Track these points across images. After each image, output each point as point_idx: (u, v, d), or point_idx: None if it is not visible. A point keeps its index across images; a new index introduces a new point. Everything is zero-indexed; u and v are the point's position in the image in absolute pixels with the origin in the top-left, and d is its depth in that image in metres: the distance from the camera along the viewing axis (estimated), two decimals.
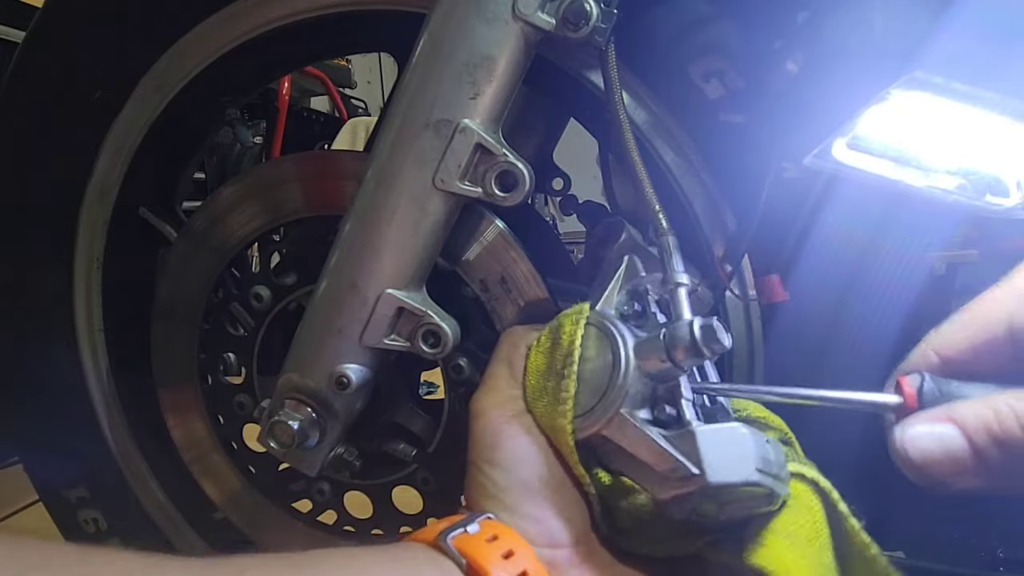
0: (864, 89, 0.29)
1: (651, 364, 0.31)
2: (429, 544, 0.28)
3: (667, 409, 0.31)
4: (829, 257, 0.42)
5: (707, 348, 0.29)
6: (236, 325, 0.50)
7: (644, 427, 0.30)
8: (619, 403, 0.30)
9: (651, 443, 0.29)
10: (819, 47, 0.32)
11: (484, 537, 0.28)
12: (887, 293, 0.42)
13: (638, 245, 0.39)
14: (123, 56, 0.50)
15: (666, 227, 0.35)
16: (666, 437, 0.29)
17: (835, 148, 0.33)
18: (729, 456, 0.27)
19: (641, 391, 0.31)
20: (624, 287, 0.36)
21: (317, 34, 0.50)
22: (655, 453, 0.29)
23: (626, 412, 0.30)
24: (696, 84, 0.41)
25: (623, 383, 0.31)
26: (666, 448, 0.28)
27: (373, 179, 0.38)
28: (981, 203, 0.35)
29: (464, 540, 0.27)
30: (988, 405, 0.24)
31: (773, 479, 0.28)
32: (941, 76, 0.26)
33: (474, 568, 0.26)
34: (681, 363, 0.30)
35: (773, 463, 0.28)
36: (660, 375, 0.31)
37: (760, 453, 0.28)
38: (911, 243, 0.40)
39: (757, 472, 0.27)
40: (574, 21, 0.34)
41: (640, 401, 0.31)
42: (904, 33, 0.27)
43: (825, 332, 0.44)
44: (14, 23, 1.10)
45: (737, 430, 0.28)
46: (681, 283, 0.33)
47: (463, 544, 0.27)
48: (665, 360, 0.30)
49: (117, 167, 0.52)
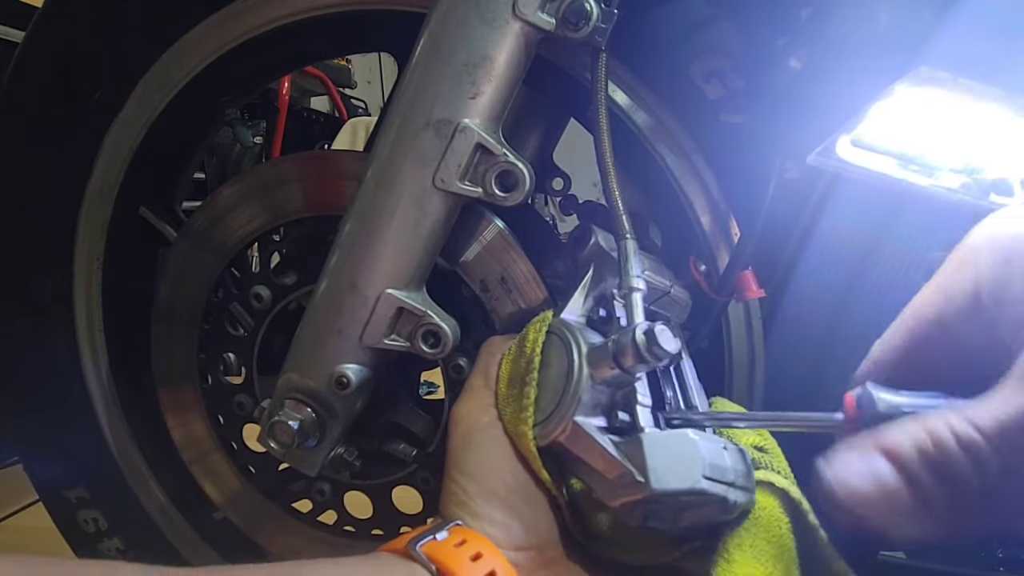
0: (869, 85, 0.29)
1: (602, 371, 0.31)
2: (400, 553, 0.29)
3: (620, 416, 0.30)
4: (831, 257, 0.42)
5: (649, 353, 0.28)
6: (236, 325, 0.50)
7: (595, 434, 0.30)
8: (572, 410, 0.30)
9: (601, 450, 0.29)
10: (823, 43, 0.32)
11: (452, 542, 0.29)
12: (890, 293, 0.41)
13: (609, 250, 0.39)
14: (123, 56, 0.50)
15: (627, 230, 0.35)
16: (616, 444, 0.29)
17: (839, 146, 0.33)
18: (675, 463, 0.27)
19: (597, 398, 0.31)
20: (591, 293, 0.37)
21: (317, 34, 0.50)
22: (604, 460, 0.29)
23: (580, 420, 0.30)
24: (696, 84, 0.40)
25: (575, 390, 0.31)
26: (613, 455, 0.29)
27: (373, 179, 0.38)
28: (985, 202, 0.35)
29: (433, 547, 0.29)
30: (922, 425, 0.20)
31: (727, 487, 0.27)
32: (947, 72, 0.26)
33: (444, 572, 0.27)
34: (629, 369, 0.29)
35: (728, 470, 0.28)
36: (614, 381, 0.31)
37: (712, 460, 0.27)
38: (914, 243, 0.40)
39: (705, 480, 0.27)
40: (574, 21, 0.34)
41: (597, 408, 0.31)
42: (910, 28, 0.26)
43: (827, 333, 0.44)
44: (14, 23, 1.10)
45: (685, 436, 0.28)
46: (635, 288, 0.33)
47: (432, 550, 0.28)
48: (614, 367, 0.30)
49: (117, 167, 0.52)
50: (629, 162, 0.44)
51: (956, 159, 0.35)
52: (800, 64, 0.34)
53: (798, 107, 0.35)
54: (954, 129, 0.32)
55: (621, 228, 0.35)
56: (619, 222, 0.35)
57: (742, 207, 0.43)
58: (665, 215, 0.47)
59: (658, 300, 0.38)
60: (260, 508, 0.53)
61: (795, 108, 0.35)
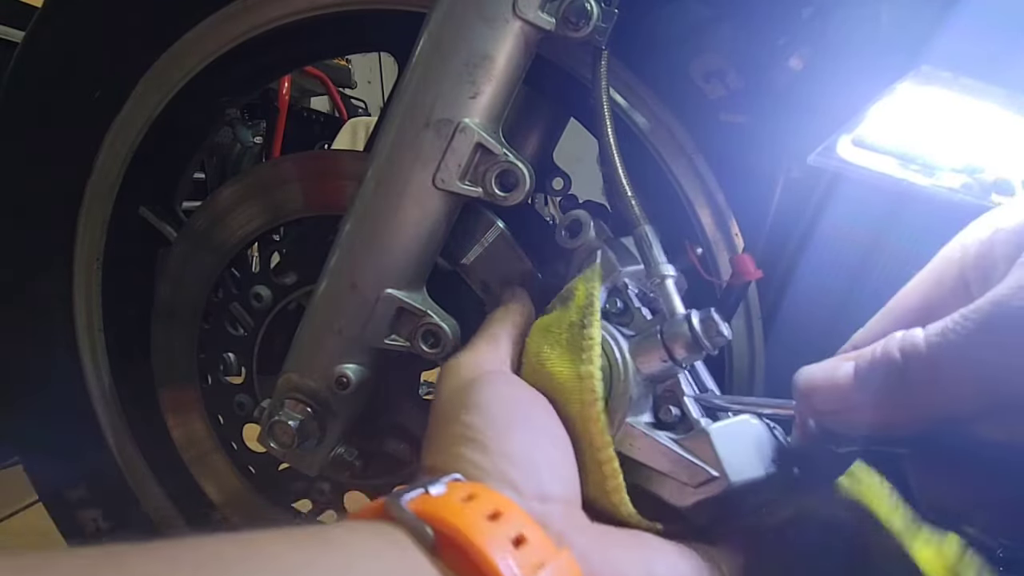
0: (870, 84, 0.29)
1: (650, 364, 0.29)
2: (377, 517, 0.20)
3: (672, 411, 0.29)
4: (832, 257, 0.42)
5: (709, 341, 0.28)
6: (236, 325, 0.50)
7: (655, 435, 0.28)
8: (623, 411, 0.28)
9: (666, 451, 0.27)
10: (824, 42, 0.32)
11: (456, 497, 0.20)
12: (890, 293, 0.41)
13: (609, 238, 0.37)
14: (123, 56, 0.49)
15: (641, 216, 0.33)
16: (677, 441, 0.27)
17: (840, 145, 0.33)
18: (745, 451, 0.26)
19: (641, 394, 0.29)
20: (602, 284, 0.34)
21: (317, 34, 0.50)
22: (671, 461, 0.27)
23: (631, 421, 0.28)
24: (696, 84, 0.40)
25: (625, 389, 0.28)
26: (682, 454, 0.27)
27: (373, 179, 0.38)
28: (987, 202, 0.34)
29: (427, 502, 0.20)
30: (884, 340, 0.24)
31: (789, 465, 0.27)
32: (948, 71, 0.26)
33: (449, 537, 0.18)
34: (681, 360, 0.28)
35: (786, 450, 0.27)
36: (659, 375, 0.29)
37: (772, 443, 0.27)
38: (915, 242, 0.40)
39: (774, 464, 0.27)
40: (575, 21, 0.34)
41: (641, 406, 0.29)
42: (911, 27, 0.26)
43: (827, 333, 0.44)
44: (14, 23, 1.10)
45: (748, 423, 0.27)
46: (667, 275, 0.31)
47: (427, 507, 0.20)
48: (666, 359, 0.28)
49: (117, 167, 0.52)
50: (629, 162, 0.44)
51: (957, 159, 0.35)
52: (801, 64, 0.34)
53: (799, 107, 0.35)
54: (955, 128, 0.32)
55: (635, 217, 0.34)
56: (632, 211, 0.34)
57: (742, 207, 0.43)
58: (666, 216, 0.47)
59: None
60: (260, 508, 0.53)
61: (796, 108, 0.35)
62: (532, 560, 0.19)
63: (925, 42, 0.26)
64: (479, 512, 0.20)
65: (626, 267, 0.34)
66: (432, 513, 0.19)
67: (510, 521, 0.20)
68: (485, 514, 0.20)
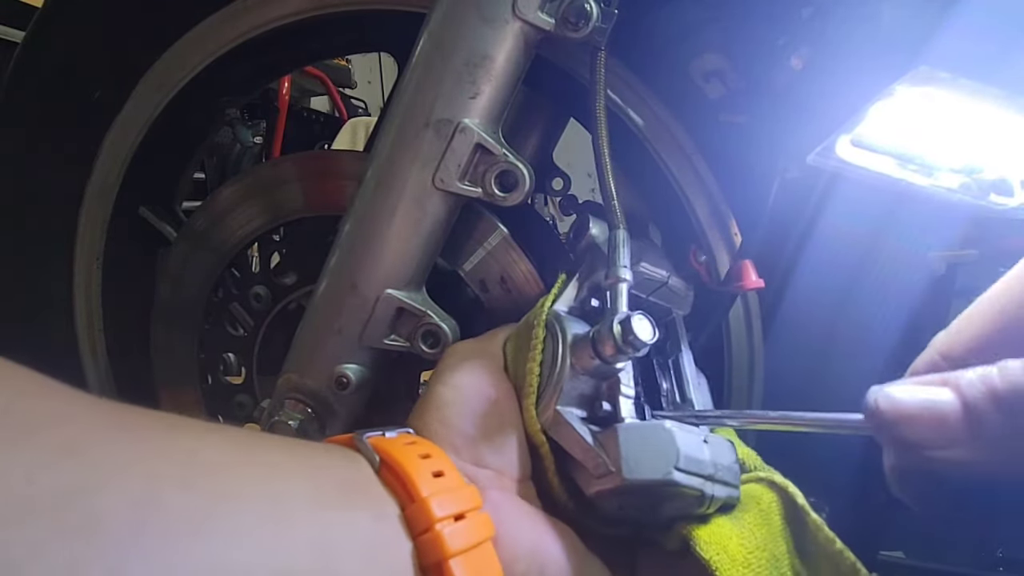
0: (870, 84, 0.29)
1: (584, 361, 0.31)
2: (344, 444, 0.27)
3: (604, 406, 0.30)
4: (831, 257, 0.42)
5: (625, 343, 0.28)
6: (236, 325, 0.50)
7: (574, 423, 0.30)
8: (554, 399, 0.30)
9: (578, 438, 0.29)
10: (824, 42, 0.32)
11: (402, 441, 0.27)
12: (889, 293, 0.41)
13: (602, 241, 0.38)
14: (123, 56, 0.50)
15: (619, 221, 0.34)
16: (594, 433, 0.29)
17: (839, 146, 0.33)
18: (649, 454, 0.27)
19: (582, 389, 0.31)
20: (586, 283, 0.36)
21: (317, 34, 0.50)
22: (581, 448, 0.29)
23: (562, 409, 0.30)
24: (696, 84, 0.40)
25: (557, 380, 0.31)
26: (591, 445, 0.28)
27: (373, 179, 0.38)
28: (985, 202, 0.35)
29: (380, 440, 0.27)
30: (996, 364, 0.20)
31: (704, 480, 0.27)
32: (947, 71, 0.26)
33: (388, 464, 0.25)
34: (609, 359, 0.29)
35: (706, 463, 0.27)
36: (597, 372, 0.31)
37: (688, 452, 0.27)
38: (914, 243, 0.40)
39: (678, 471, 0.27)
40: (574, 21, 0.34)
41: (581, 399, 0.31)
42: (910, 27, 0.26)
43: (826, 332, 0.44)
44: (14, 23, 1.10)
45: (660, 427, 0.28)
46: (622, 278, 0.32)
47: (379, 443, 0.26)
48: (593, 357, 0.30)
49: (117, 167, 0.52)
50: (629, 162, 0.44)
51: (956, 159, 0.35)
52: (801, 64, 0.34)
53: (798, 107, 0.35)
54: (954, 129, 0.32)
55: (613, 218, 0.35)
56: (611, 212, 0.35)
57: (742, 207, 0.43)
58: (665, 215, 0.47)
59: (657, 291, 0.38)
60: None
61: (795, 108, 0.35)
62: (443, 485, 0.25)
63: (924, 42, 0.26)
64: (414, 451, 0.26)
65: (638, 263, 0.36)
66: (380, 446, 0.26)
67: (435, 461, 0.26)
68: (418, 454, 0.26)
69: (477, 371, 0.32)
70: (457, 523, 0.24)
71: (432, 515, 0.24)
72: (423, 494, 0.24)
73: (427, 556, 0.23)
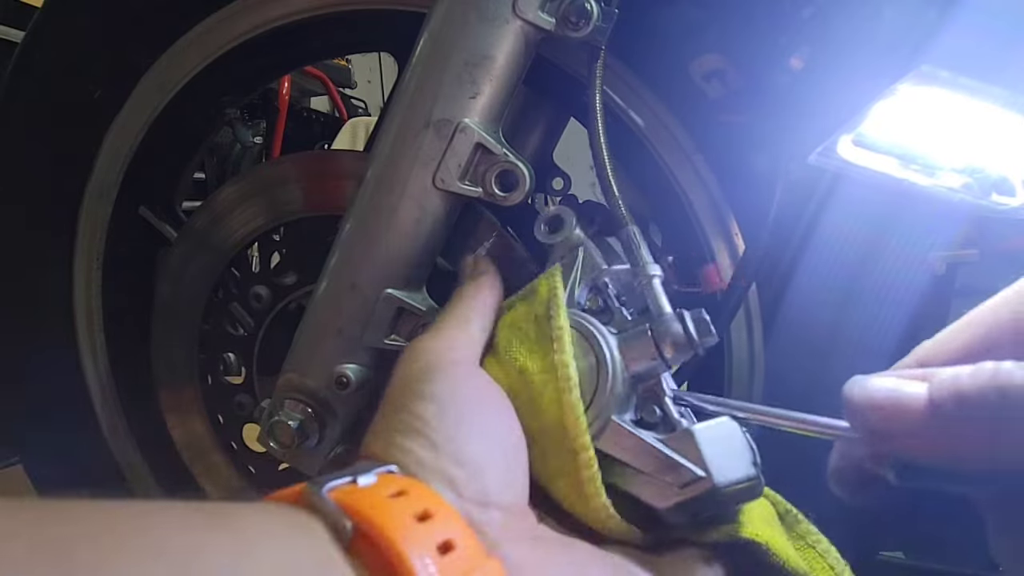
0: (871, 84, 0.29)
1: (638, 362, 0.29)
2: (295, 502, 0.18)
3: (656, 411, 0.29)
4: (832, 257, 0.42)
5: (700, 340, 0.28)
6: (236, 325, 0.50)
7: (641, 434, 0.27)
8: (611, 409, 0.28)
9: (652, 450, 0.27)
10: (825, 42, 0.32)
11: (384, 492, 0.18)
12: (891, 293, 0.41)
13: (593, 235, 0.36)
14: (123, 56, 0.49)
15: (628, 217, 0.34)
16: (662, 441, 0.27)
17: (840, 145, 0.33)
18: (728, 453, 0.26)
19: (626, 393, 0.29)
20: (583, 281, 0.33)
21: (317, 34, 0.50)
22: (658, 461, 0.27)
23: (616, 419, 0.28)
24: (696, 84, 0.40)
25: (614, 386, 0.28)
26: (669, 454, 0.27)
27: (373, 179, 0.38)
28: (987, 202, 0.34)
29: (352, 493, 0.18)
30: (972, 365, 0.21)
31: (758, 470, 0.27)
32: (949, 71, 0.26)
33: (368, 533, 0.16)
34: (670, 359, 0.28)
35: (757, 453, 0.27)
36: (645, 373, 0.29)
37: (751, 445, 0.27)
38: (916, 243, 0.40)
39: (753, 466, 0.27)
40: (574, 20, 0.34)
41: (624, 405, 0.29)
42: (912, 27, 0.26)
43: (827, 333, 0.44)
44: (14, 23, 1.10)
45: (728, 425, 0.27)
46: (654, 274, 0.31)
47: (350, 498, 0.18)
48: (655, 357, 0.28)
49: (117, 167, 0.52)
50: (629, 162, 0.44)
51: (958, 158, 0.35)
52: (801, 63, 0.34)
53: (799, 106, 0.35)
54: (956, 128, 0.32)
55: (621, 217, 0.34)
56: (618, 211, 0.34)
57: (742, 207, 0.43)
58: (665, 215, 0.47)
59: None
60: None
61: (796, 108, 0.35)
62: (457, 568, 0.17)
63: (926, 42, 0.26)
64: (407, 510, 0.18)
65: (613, 267, 0.34)
66: (353, 505, 0.17)
67: (440, 524, 0.18)
68: (413, 513, 0.18)
69: (460, 379, 0.26)
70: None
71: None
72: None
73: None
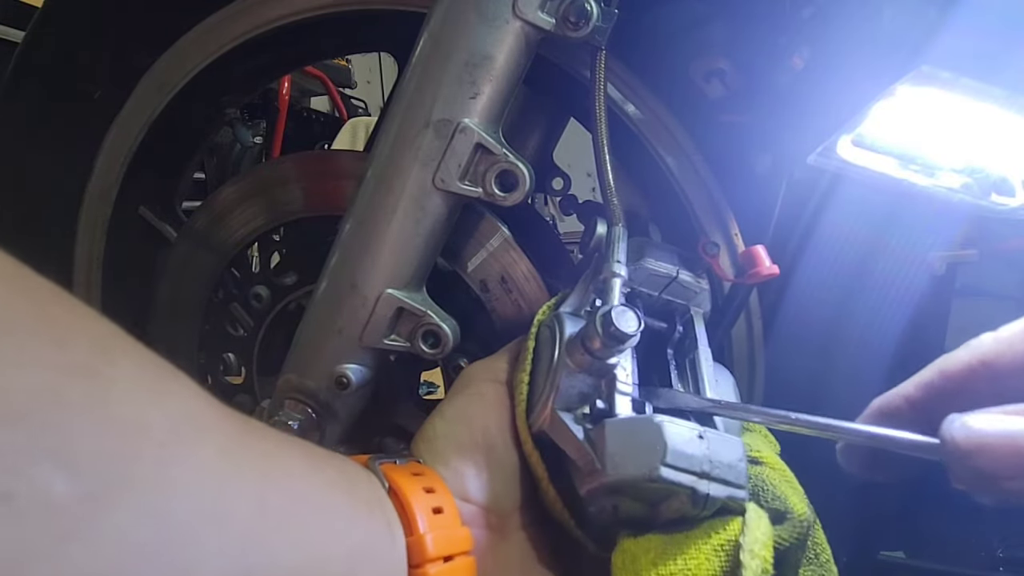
0: (871, 84, 0.29)
1: (577, 358, 0.30)
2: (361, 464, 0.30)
3: (599, 404, 0.29)
4: (832, 257, 0.42)
5: (607, 336, 0.28)
6: (236, 325, 0.50)
7: (568, 421, 0.29)
8: (551, 398, 0.30)
9: (571, 436, 0.28)
10: (825, 42, 0.32)
11: (409, 471, 0.29)
12: (891, 293, 0.41)
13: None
14: (123, 56, 0.49)
15: (617, 218, 0.34)
16: (587, 431, 0.28)
17: (840, 146, 0.33)
18: (635, 449, 0.26)
19: (580, 387, 0.30)
20: (591, 284, 0.36)
21: (317, 34, 0.50)
22: (575, 447, 0.28)
23: (560, 409, 0.30)
24: (696, 84, 0.40)
25: (553, 379, 0.30)
26: (581, 443, 0.28)
27: (373, 179, 0.38)
28: (987, 202, 0.34)
29: (390, 468, 0.29)
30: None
31: (696, 477, 0.25)
32: (949, 71, 0.26)
33: (396, 492, 0.27)
34: (598, 354, 0.29)
35: (700, 459, 0.25)
36: (592, 369, 0.30)
37: (677, 447, 0.25)
38: (916, 243, 0.40)
39: (664, 467, 0.25)
40: (574, 20, 0.34)
41: (581, 398, 0.30)
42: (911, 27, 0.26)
43: (827, 332, 0.44)
44: (14, 23, 1.10)
45: (649, 421, 0.26)
46: (615, 273, 0.32)
47: (389, 470, 0.28)
48: (583, 352, 0.29)
49: (117, 167, 0.52)
50: (629, 162, 0.44)
51: (957, 159, 0.35)
52: (801, 63, 0.34)
53: (799, 107, 0.35)
54: (955, 129, 0.32)
55: (611, 215, 0.34)
56: (609, 209, 0.35)
57: (743, 207, 0.43)
58: (665, 215, 0.47)
59: (668, 288, 0.37)
60: None
61: (796, 108, 0.35)
62: (440, 524, 0.27)
63: (926, 42, 0.26)
64: (419, 484, 0.28)
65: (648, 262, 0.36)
66: (389, 474, 0.28)
67: (437, 497, 0.28)
68: (422, 487, 0.28)
69: (474, 400, 0.33)
70: (445, 564, 0.26)
71: (426, 553, 0.25)
72: (420, 530, 0.26)
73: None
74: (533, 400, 0.32)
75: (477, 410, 0.32)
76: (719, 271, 0.38)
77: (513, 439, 0.32)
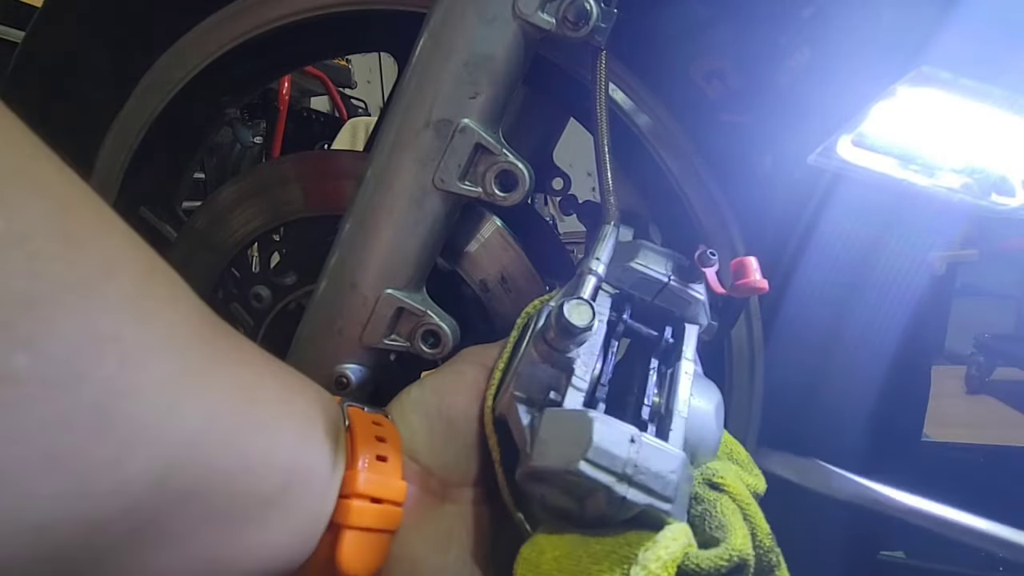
0: (871, 84, 0.29)
1: (540, 349, 0.30)
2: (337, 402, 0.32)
3: (551, 395, 0.29)
4: (832, 257, 0.42)
5: (560, 328, 0.28)
6: (236, 325, 0.50)
7: (520, 408, 0.29)
8: (512, 384, 0.30)
9: (518, 421, 0.29)
10: (825, 42, 0.32)
11: (371, 419, 0.31)
12: (891, 293, 0.41)
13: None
14: (123, 56, 0.49)
15: (611, 216, 0.34)
16: (533, 419, 0.29)
17: (840, 146, 0.33)
18: (562, 441, 0.25)
19: (542, 378, 0.30)
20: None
21: (317, 34, 0.50)
22: (518, 431, 0.29)
23: (520, 396, 0.30)
24: (697, 84, 0.40)
25: (516, 366, 0.31)
26: (523, 428, 0.28)
27: (373, 179, 0.38)
28: (987, 202, 0.34)
29: (356, 412, 0.31)
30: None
31: (615, 478, 0.24)
32: (948, 71, 0.26)
33: (350, 431, 0.29)
34: (555, 345, 0.29)
35: (623, 461, 0.25)
36: (555, 361, 0.30)
37: (603, 445, 0.24)
38: (916, 242, 0.40)
39: (584, 462, 0.24)
40: (574, 21, 0.34)
41: (542, 388, 0.30)
42: (911, 27, 0.26)
43: (827, 333, 0.44)
44: (14, 23, 1.10)
45: (583, 415, 0.26)
46: (591, 270, 0.32)
47: (354, 413, 0.31)
48: (541, 343, 0.29)
49: (117, 167, 0.52)
50: (629, 162, 0.44)
51: (957, 159, 0.35)
52: (801, 63, 0.34)
53: (799, 107, 0.35)
54: (955, 129, 0.32)
55: (605, 213, 0.35)
56: (605, 206, 0.35)
57: (743, 207, 0.43)
58: (665, 215, 0.47)
59: (660, 294, 0.36)
60: None
61: (796, 108, 0.35)
62: (380, 470, 0.28)
63: (925, 43, 0.26)
64: (372, 432, 0.30)
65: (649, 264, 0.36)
66: (352, 416, 0.30)
67: (386, 446, 0.30)
68: (375, 435, 0.30)
69: (453, 376, 0.34)
70: (372, 504, 0.27)
71: (356, 487, 0.27)
72: (358, 467, 0.27)
73: (336, 516, 0.27)
74: (502, 387, 0.32)
75: (452, 385, 0.34)
76: (712, 283, 0.37)
77: (478, 418, 0.33)
